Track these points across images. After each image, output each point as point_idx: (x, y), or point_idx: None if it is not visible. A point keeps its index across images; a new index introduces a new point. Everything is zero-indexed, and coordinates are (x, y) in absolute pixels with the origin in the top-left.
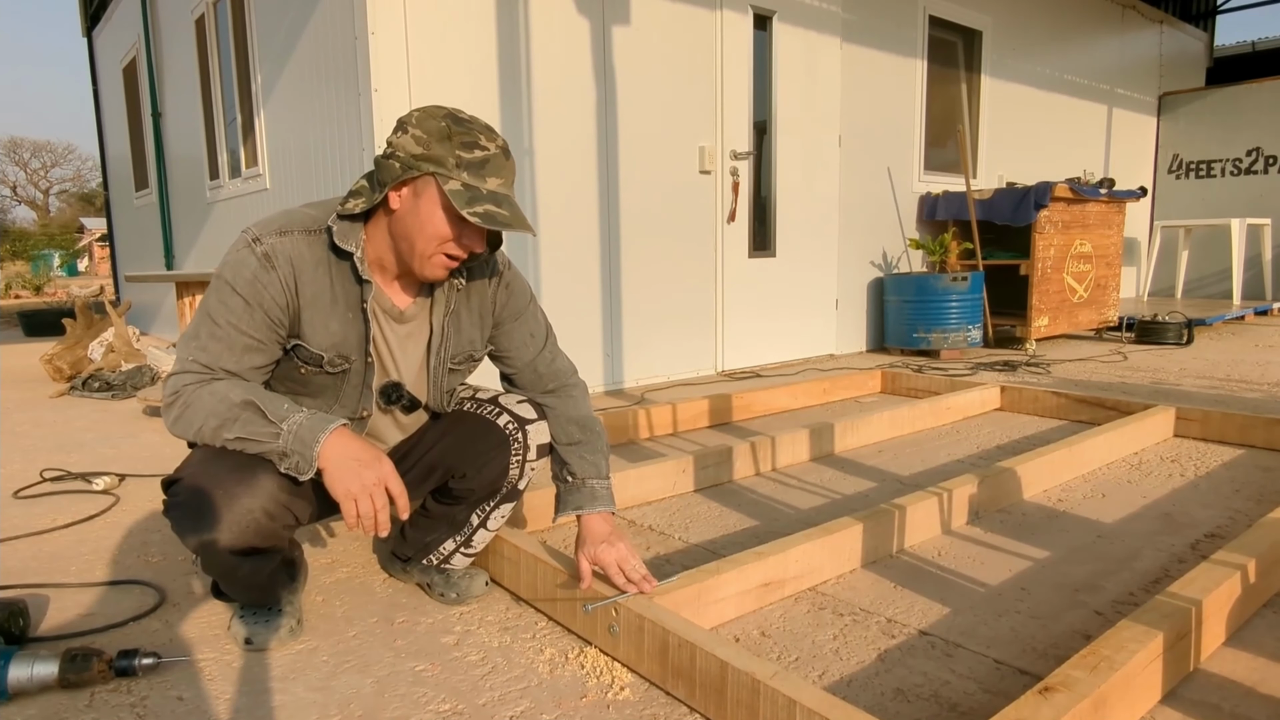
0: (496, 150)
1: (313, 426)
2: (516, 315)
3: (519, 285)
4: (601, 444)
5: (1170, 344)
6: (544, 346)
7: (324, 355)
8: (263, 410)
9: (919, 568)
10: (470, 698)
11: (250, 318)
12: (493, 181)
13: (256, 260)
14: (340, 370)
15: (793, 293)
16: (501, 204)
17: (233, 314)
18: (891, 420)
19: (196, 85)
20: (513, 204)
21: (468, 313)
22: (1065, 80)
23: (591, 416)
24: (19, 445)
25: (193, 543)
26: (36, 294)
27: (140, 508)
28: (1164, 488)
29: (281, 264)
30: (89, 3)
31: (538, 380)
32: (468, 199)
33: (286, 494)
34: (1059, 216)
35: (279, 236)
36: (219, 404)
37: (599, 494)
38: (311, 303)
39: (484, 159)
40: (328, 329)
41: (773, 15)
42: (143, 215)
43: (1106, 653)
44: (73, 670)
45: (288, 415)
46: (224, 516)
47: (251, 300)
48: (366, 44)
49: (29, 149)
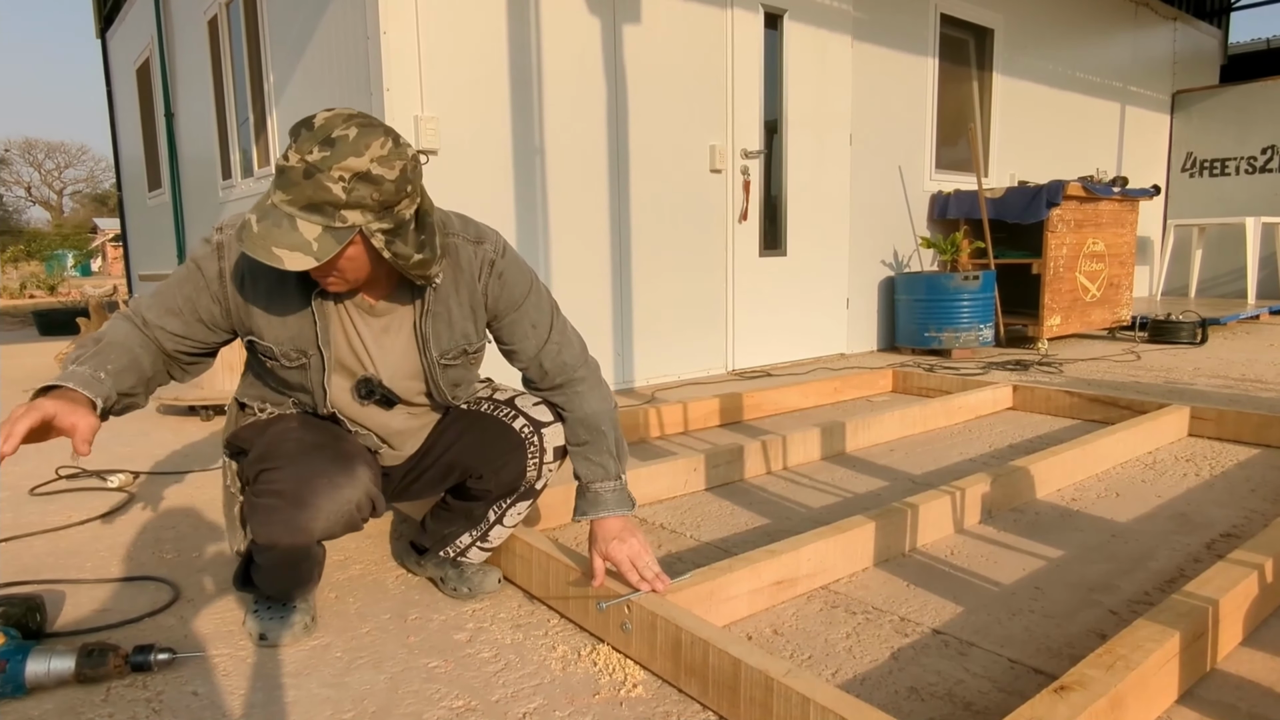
0: (296, 164)
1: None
2: (515, 306)
3: (513, 274)
4: (608, 443)
5: (1184, 343)
6: (548, 338)
7: (276, 349)
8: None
9: (932, 566)
10: (483, 694)
11: (183, 287)
12: (278, 195)
13: (210, 248)
14: (298, 364)
15: (803, 292)
16: (263, 219)
17: (176, 278)
18: (903, 419)
19: (209, 86)
20: (277, 223)
21: (458, 306)
22: (1077, 78)
23: (599, 413)
24: (34, 443)
25: (278, 530)
26: (51, 294)
27: (154, 505)
28: (1179, 487)
29: (230, 255)
30: (103, 5)
31: (544, 375)
32: (254, 206)
33: (376, 485)
34: (1071, 215)
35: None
36: (95, 336)
37: (604, 499)
38: (264, 295)
39: (280, 169)
40: (284, 323)
41: (784, 14)
42: (156, 215)
43: (1122, 652)
44: (89, 665)
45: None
46: (324, 505)
47: (190, 274)
48: (379, 43)
49: (43, 150)
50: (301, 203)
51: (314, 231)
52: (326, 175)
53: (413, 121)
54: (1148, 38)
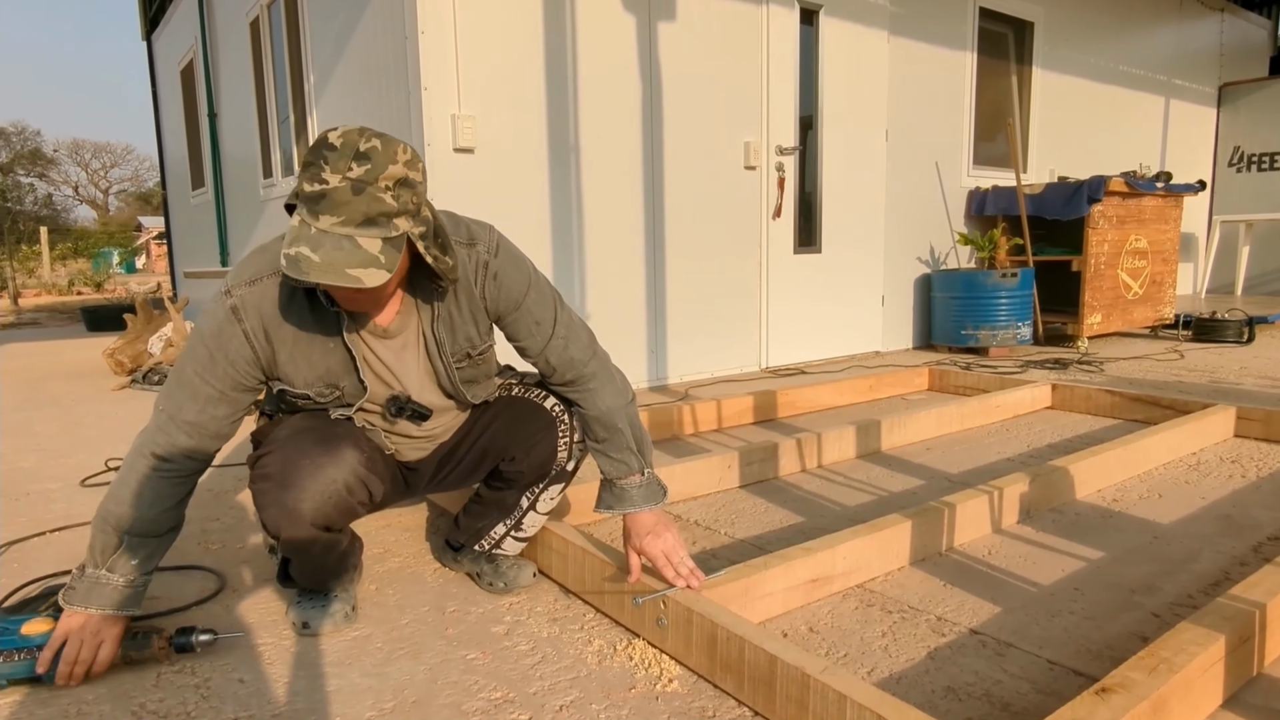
0: (340, 184)
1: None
2: (515, 305)
3: (509, 272)
4: (626, 439)
5: (1230, 342)
6: (552, 334)
7: (309, 392)
8: (116, 548)
9: (969, 566)
10: (521, 686)
11: (213, 369)
12: (326, 220)
13: (224, 313)
14: (333, 397)
15: (838, 289)
16: (319, 247)
17: (198, 364)
18: (939, 418)
19: (251, 86)
20: (338, 245)
21: (458, 312)
22: (1120, 71)
23: (612, 409)
24: (84, 436)
25: (274, 513)
26: (97, 290)
27: (199, 497)
28: (1224, 489)
29: (249, 315)
30: (148, 7)
31: (552, 371)
32: (291, 239)
33: (365, 469)
34: (1113, 211)
35: (248, 287)
36: (118, 503)
37: (629, 495)
38: (289, 341)
39: (320, 194)
40: (310, 363)
41: (819, 9)
42: (199, 213)
43: (1166, 655)
44: (134, 647)
45: (115, 570)
46: (309, 485)
47: (215, 353)
48: (416, 43)
49: (90, 150)
50: (357, 220)
51: (375, 245)
52: (375, 187)
53: (450, 120)
54: (1193, 29)
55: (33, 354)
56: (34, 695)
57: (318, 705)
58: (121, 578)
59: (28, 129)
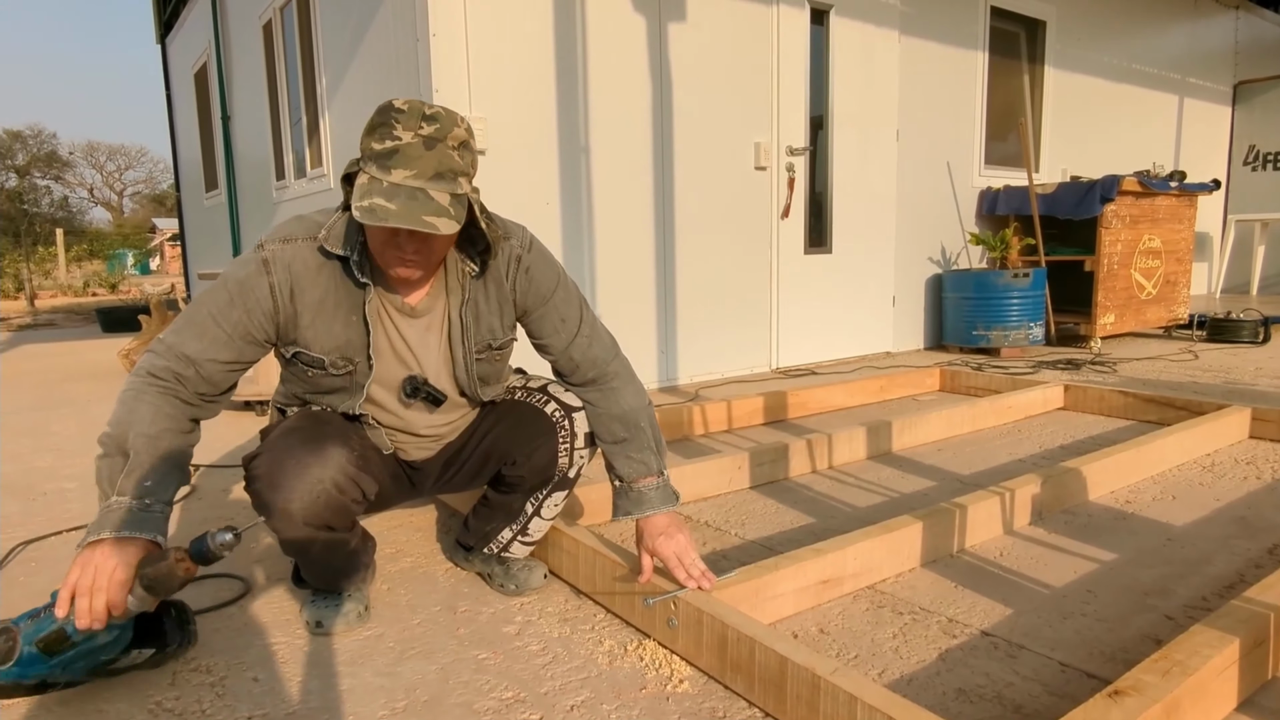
0: (412, 140)
1: (118, 520)
2: (543, 300)
3: (540, 268)
4: (647, 439)
5: (1245, 342)
6: (577, 332)
7: (325, 359)
8: (124, 468)
9: (980, 568)
10: (532, 686)
11: (229, 313)
12: (398, 174)
13: (255, 264)
14: (345, 372)
15: (849, 289)
16: (394, 197)
17: (214, 306)
18: (950, 419)
19: (264, 89)
20: (412, 196)
21: (485, 301)
22: (1133, 70)
23: (635, 409)
24: None
25: (267, 515)
26: (112, 292)
27: (214, 496)
28: (1239, 490)
29: (278, 270)
30: (162, 11)
31: (574, 368)
32: (362, 194)
33: (355, 467)
34: (1126, 211)
35: (282, 244)
36: (121, 427)
37: (648, 497)
38: (314, 306)
39: (392, 150)
40: (330, 332)
41: (830, 9)
42: (212, 215)
43: (1179, 657)
44: (149, 563)
45: (126, 493)
46: (296, 486)
47: (236, 298)
48: (428, 46)
49: (105, 153)
50: (429, 174)
51: (445, 199)
52: (444, 145)
53: None
54: (1208, 27)
55: (49, 355)
56: (52, 694)
57: (331, 704)
58: (131, 499)
59: (44, 132)
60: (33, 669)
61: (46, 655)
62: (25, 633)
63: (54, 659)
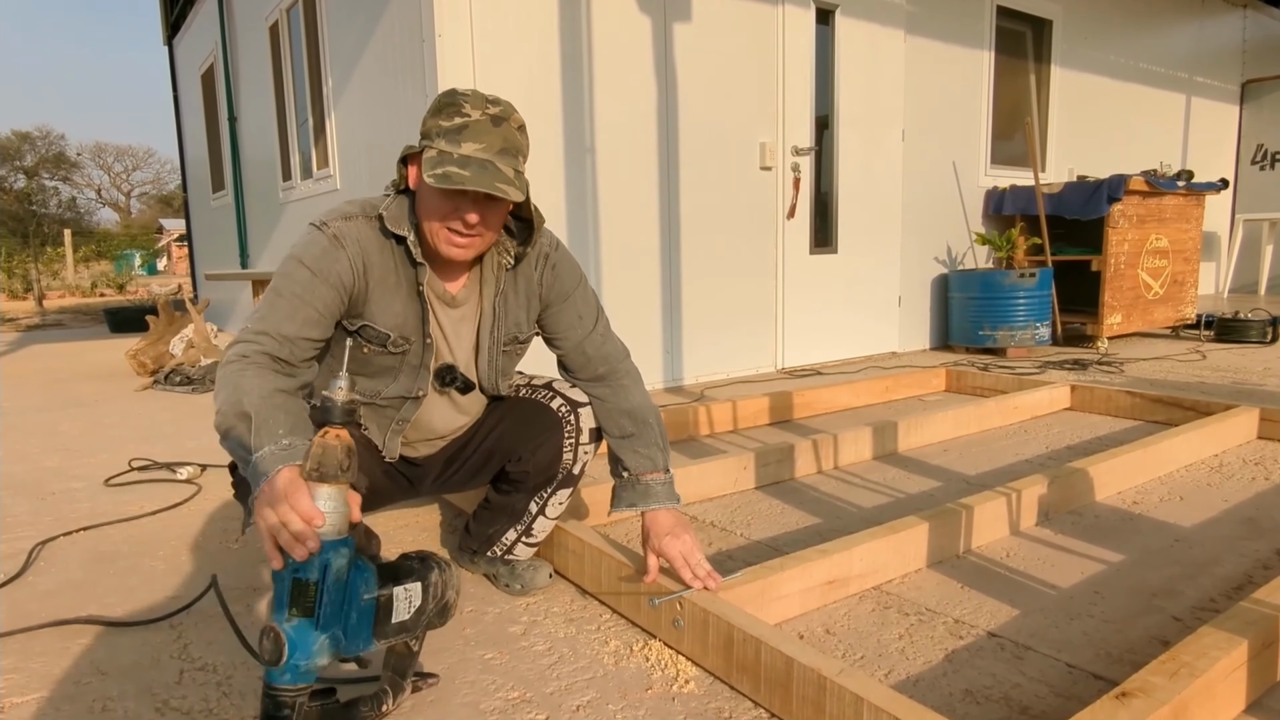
0: (481, 117)
1: (266, 466)
2: (564, 296)
3: (566, 266)
4: (655, 435)
5: (1253, 342)
6: (593, 329)
7: (389, 335)
8: (251, 429)
9: (986, 568)
10: (538, 686)
11: (314, 289)
12: (468, 146)
13: (326, 239)
14: (401, 351)
15: (854, 289)
16: (466, 166)
17: (298, 284)
18: (956, 419)
19: (270, 90)
20: (482, 166)
21: (514, 295)
22: (1140, 69)
23: (644, 406)
24: (108, 436)
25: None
26: (120, 292)
27: (221, 496)
28: (1247, 491)
29: (350, 244)
30: (169, 13)
31: (586, 363)
32: (434, 164)
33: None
34: (1133, 210)
35: (344, 220)
36: (232, 401)
37: (654, 491)
38: (379, 284)
39: (462, 125)
40: (392, 309)
41: (835, 9)
42: (219, 216)
43: (1187, 659)
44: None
45: (265, 444)
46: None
47: (318, 273)
48: (434, 46)
49: (112, 154)
50: (496, 148)
51: (510, 172)
52: (509, 123)
53: None
54: (1215, 26)
55: (57, 355)
56: (60, 691)
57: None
58: (270, 446)
59: (52, 133)
60: (306, 645)
61: (307, 617)
62: (275, 615)
63: (317, 623)
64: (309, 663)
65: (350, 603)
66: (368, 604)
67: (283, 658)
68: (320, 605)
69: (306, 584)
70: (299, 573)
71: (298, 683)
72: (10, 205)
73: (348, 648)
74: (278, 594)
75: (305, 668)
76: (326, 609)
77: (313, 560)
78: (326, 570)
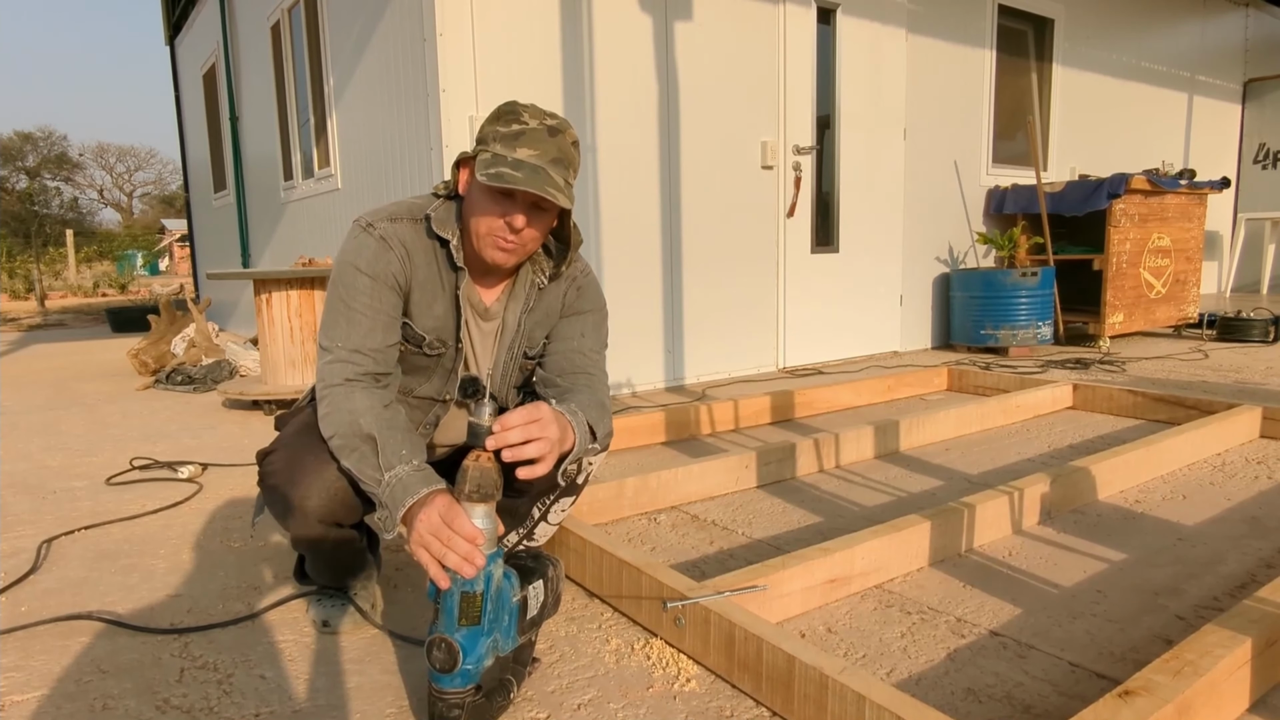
0: (537, 126)
1: (407, 486)
2: (578, 312)
3: (589, 292)
4: (589, 415)
5: (1255, 342)
6: (589, 348)
7: (426, 336)
8: (377, 451)
9: (989, 567)
10: (539, 685)
11: (381, 295)
12: (523, 152)
13: (375, 242)
14: (437, 354)
15: (856, 289)
16: (519, 168)
17: (363, 294)
18: (959, 418)
19: (272, 90)
20: (535, 170)
21: (540, 311)
22: (1142, 68)
23: (593, 403)
24: (109, 435)
25: (283, 510)
26: (122, 292)
27: (222, 495)
28: (1250, 490)
29: (396, 245)
30: (171, 13)
31: (567, 362)
32: (487, 164)
33: None
34: (1135, 209)
35: (390, 222)
36: (348, 425)
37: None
38: (421, 286)
39: (519, 132)
40: (432, 311)
41: (836, 8)
42: (221, 216)
43: (1190, 657)
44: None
45: (395, 464)
46: (314, 483)
47: (376, 278)
48: (435, 46)
49: (114, 154)
50: (550, 157)
51: (560, 181)
52: (565, 136)
53: (468, 122)
54: (1218, 24)
55: (59, 354)
56: (60, 689)
57: (338, 702)
58: (403, 466)
59: (54, 133)
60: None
61: (474, 625)
62: (444, 627)
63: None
64: (478, 666)
65: (502, 606)
66: (515, 605)
67: (456, 664)
68: (485, 613)
69: (474, 596)
70: (466, 587)
71: (467, 685)
72: (12, 206)
73: (502, 646)
74: (446, 608)
75: (475, 671)
76: (490, 615)
77: (478, 574)
78: (489, 581)
